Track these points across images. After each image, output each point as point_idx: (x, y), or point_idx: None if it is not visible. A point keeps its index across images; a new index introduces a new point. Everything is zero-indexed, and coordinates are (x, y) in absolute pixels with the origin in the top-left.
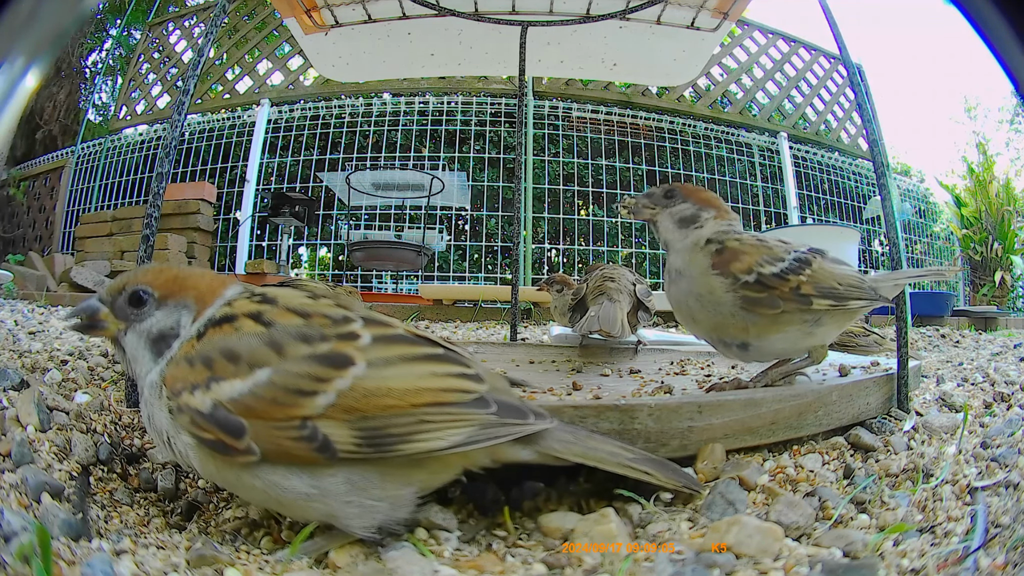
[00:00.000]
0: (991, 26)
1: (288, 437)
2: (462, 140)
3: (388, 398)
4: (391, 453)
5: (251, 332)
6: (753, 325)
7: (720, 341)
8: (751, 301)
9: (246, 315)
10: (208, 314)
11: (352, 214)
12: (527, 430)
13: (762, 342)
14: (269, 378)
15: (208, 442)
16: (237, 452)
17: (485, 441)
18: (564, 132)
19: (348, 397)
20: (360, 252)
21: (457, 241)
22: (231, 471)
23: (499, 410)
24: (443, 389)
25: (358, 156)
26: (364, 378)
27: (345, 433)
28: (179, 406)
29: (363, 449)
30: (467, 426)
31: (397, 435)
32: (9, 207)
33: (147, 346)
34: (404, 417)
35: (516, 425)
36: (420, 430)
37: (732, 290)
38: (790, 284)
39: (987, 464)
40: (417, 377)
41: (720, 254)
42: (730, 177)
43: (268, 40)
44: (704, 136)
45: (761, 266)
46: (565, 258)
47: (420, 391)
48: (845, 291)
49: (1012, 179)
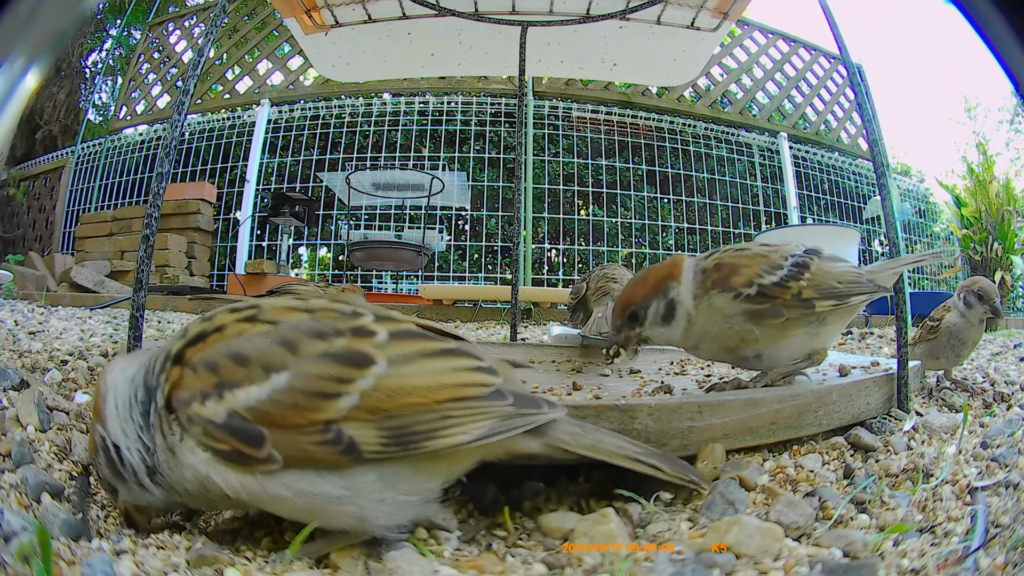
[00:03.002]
0: (991, 26)
1: (312, 442)
2: (462, 140)
3: (412, 396)
4: (417, 450)
5: (259, 331)
6: (763, 335)
7: (739, 358)
8: (756, 313)
9: (243, 320)
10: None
11: (352, 214)
12: (543, 419)
13: (773, 350)
14: (289, 382)
15: (224, 454)
16: (257, 462)
17: (506, 432)
18: (564, 132)
19: (372, 397)
20: (360, 252)
21: (457, 241)
22: (254, 481)
23: (516, 401)
24: (463, 384)
25: (358, 156)
26: (386, 376)
27: (371, 434)
28: (189, 417)
29: (389, 448)
30: (488, 419)
31: (423, 432)
32: (9, 207)
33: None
34: (428, 414)
35: (532, 415)
36: (445, 426)
37: (737, 303)
38: (791, 291)
39: (987, 464)
40: (438, 373)
41: (719, 270)
42: (730, 177)
43: (268, 40)
44: (704, 136)
45: (761, 277)
46: (565, 258)
47: (442, 387)
48: (846, 289)
49: (1012, 179)
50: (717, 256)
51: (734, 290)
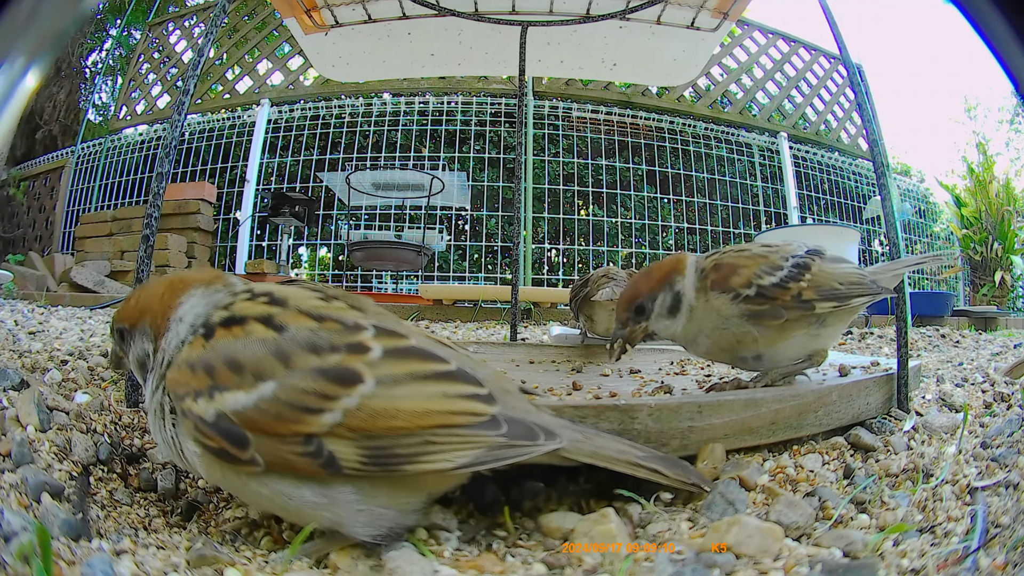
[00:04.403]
0: (991, 26)
1: (293, 452)
2: (462, 140)
3: (395, 419)
4: (396, 472)
5: (259, 338)
6: (762, 336)
7: (738, 358)
8: (755, 314)
9: (256, 318)
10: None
11: (352, 214)
12: (536, 451)
13: (773, 351)
14: (274, 393)
15: (212, 449)
16: (241, 462)
17: (492, 462)
18: (564, 132)
19: (355, 416)
20: (360, 252)
21: (457, 241)
22: (237, 478)
23: (509, 431)
24: (453, 411)
25: (358, 156)
26: (372, 397)
27: (351, 451)
28: (183, 411)
29: (368, 467)
30: (475, 448)
31: (403, 455)
32: (9, 207)
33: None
34: (411, 438)
35: (524, 447)
36: (427, 451)
37: (735, 304)
38: (791, 292)
39: (987, 464)
40: (427, 398)
41: (718, 270)
42: (730, 177)
43: (268, 40)
44: (704, 136)
45: (760, 278)
46: (565, 258)
47: (429, 413)
48: (847, 290)
49: (1012, 179)
50: (717, 256)
51: (733, 291)
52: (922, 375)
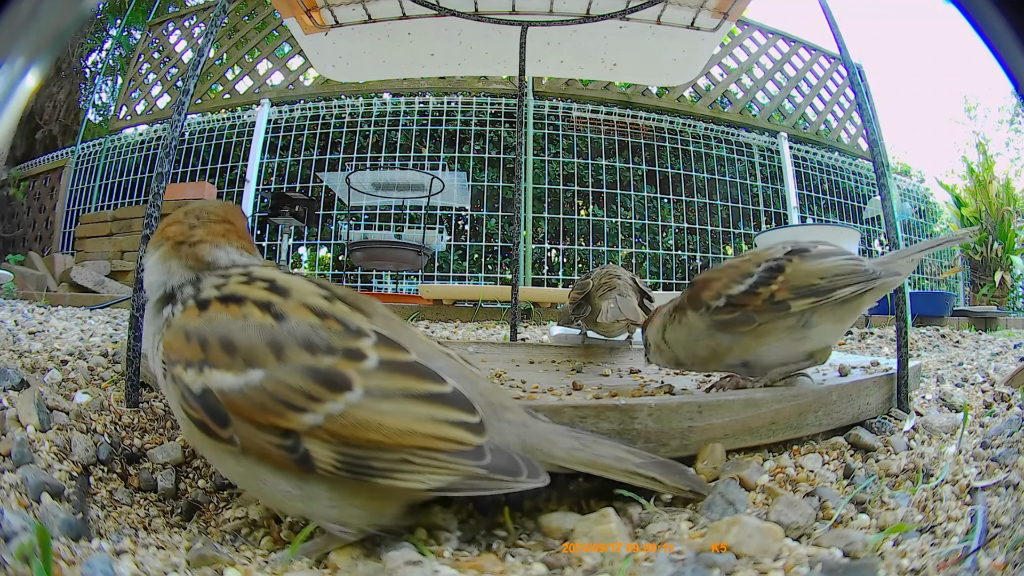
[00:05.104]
0: (991, 26)
1: (269, 442)
2: (462, 140)
3: (376, 433)
4: (369, 482)
5: (257, 323)
6: (737, 344)
7: (725, 366)
8: (724, 323)
9: (255, 302)
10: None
11: (352, 214)
12: (515, 488)
13: (756, 356)
14: (261, 382)
15: (194, 420)
16: (220, 439)
17: (467, 491)
18: (564, 132)
19: (336, 423)
20: (360, 252)
21: (457, 241)
22: (215, 452)
23: (492, 462)
24: (437, 436)
25: (358, 156)
26: (358, 406)
27: (327, 454)
28: (173, 376)
29: (341, 472)
30: (451, 475)
31: (378, 468)
32: (9, 207)
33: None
34: (389, 453)
35: (503, 482)
36: (402, 468)
37: (705, 316)
38: (762, 296)
39: (987, 464)
40: (413, 419)
41: (691, 288)
42: (730, 177)
43: (268, 40)
44: (704, 136)
45: (729, 288)
46: (565, 258)
47: (412, 433)
48: (827, 284)
49: (1012, 179)
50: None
51: (704, 304)
52: (922, 375)
